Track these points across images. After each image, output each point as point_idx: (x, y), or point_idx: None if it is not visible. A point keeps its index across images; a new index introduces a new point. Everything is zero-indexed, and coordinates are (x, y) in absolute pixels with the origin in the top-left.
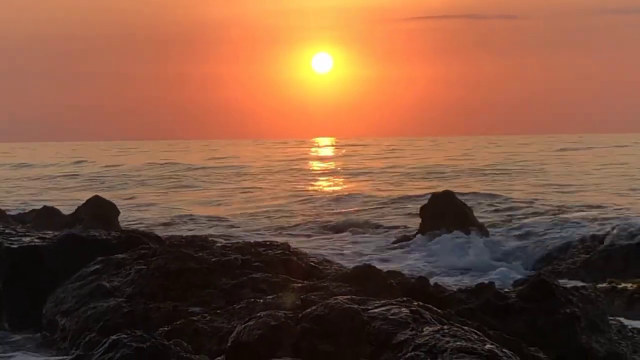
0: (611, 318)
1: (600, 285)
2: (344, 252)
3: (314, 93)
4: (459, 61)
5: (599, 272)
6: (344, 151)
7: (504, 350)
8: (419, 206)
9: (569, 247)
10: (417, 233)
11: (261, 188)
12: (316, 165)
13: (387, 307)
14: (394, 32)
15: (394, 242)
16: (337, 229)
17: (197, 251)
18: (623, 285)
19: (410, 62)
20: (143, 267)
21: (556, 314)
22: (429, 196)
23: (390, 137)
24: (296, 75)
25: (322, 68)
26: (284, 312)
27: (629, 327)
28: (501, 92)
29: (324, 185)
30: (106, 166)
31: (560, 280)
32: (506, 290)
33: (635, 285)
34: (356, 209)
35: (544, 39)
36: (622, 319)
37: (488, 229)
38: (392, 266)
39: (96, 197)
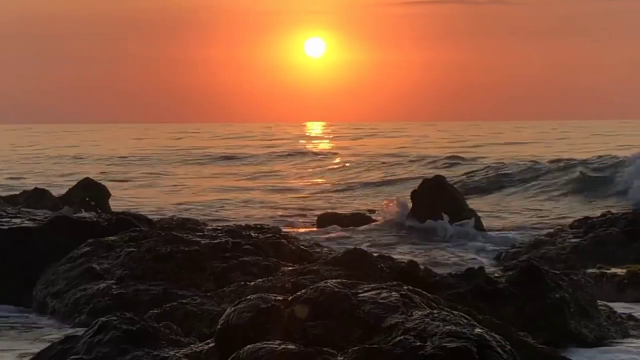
0: (600, 303)
1: (589, 270)
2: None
3: (307, 77)
4: (452, 46)
5: (588, 258)
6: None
7: (492, 334)
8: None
9: (558, 232)
10: (409, 218)
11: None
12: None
13: (377, 291)
14: (386, 16)
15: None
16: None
17: (188, 234)
18: (613, 270)
19: (402, 46)
20: (133, 249)
21: (545, 299)
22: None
23: (385, 122)
24: (289, 59)
25: (315, 52)
26: (274, 295)
27: (618, 312)
28: (492, 77)
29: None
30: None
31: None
32: (496, 275)
33: (624, 271)
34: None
35: (535, 24)
36: (611, 305)
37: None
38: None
39: (87, 179)
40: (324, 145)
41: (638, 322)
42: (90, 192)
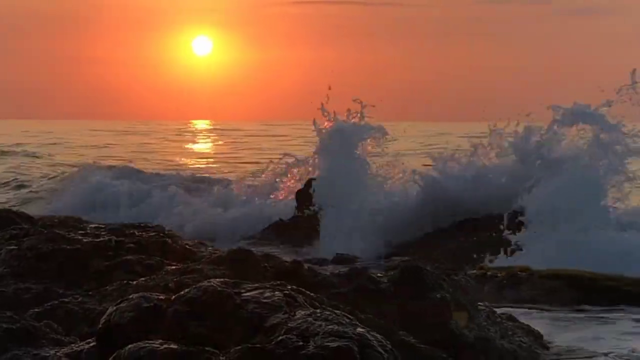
0: (481, 304)
1: (471, 271)
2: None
3: (194, 76)
4: (343, 46)
5: (470, 258)
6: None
7: (374, 334)
8: None
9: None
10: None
11: None
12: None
13: (261, 291)
14: (276, 15)
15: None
16: None
17: (70, 232)
18: (493, 271)
19: (292, 46)
20: (14, 247)
21: (426, 299)
22: None
23: (271, 121)
24: (176, 57)
25: (202, 51)
26: (156, 294)
27: (498, 313)
28: (382, 78)
29: None
30: None
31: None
32: (379, 274)
33: (504, 272)
34: None
35: (429, 26)
36: (491, 305)
37: None
38: None
39: None
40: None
41: (516, 322)
42: None
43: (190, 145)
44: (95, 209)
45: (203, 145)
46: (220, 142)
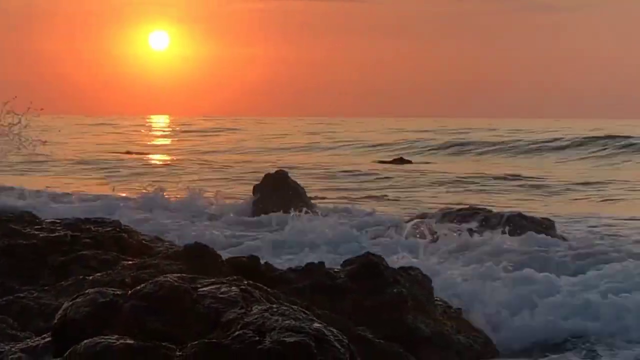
0: (437, 298)
1: None
2: None
3: (151, 70)
4: (302, 43)
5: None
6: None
7: (331, 329)
8: None
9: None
10: (252, 213)
11: None
12: None
13: (217, 286)
14: (235, 11)
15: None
16: None
17: (26, 227)
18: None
19: (250, 42)
20: None
21: (383, 294)
22: None
23: (226, 117)
24: (133, 52)
25: (159, 45)
26: (112, 289)
27: (454, 307)
28: (341, 75)
29: None
30: None
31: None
32: (336, 269)
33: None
34: None
35: (384, 23)
36: (447, 300)
37: None
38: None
39: None
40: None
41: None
42: None
43: None
44: None
45: None
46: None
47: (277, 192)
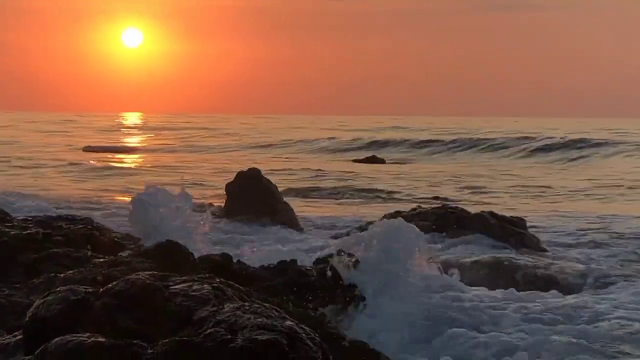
0: None
1: None
2: None
3: (124, 67)
4: (275, 40)
5: None
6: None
7: (303, 327)
8: None
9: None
10: (225, 212)
11: None
12: None
13: (189, 284)
14: (207, 8)
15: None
16: None
17: None
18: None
19: (223, 39)
20: None
21: (354, 292)
22: None
23: (203, 114)
24: (106, 48)
25: (132, 42)
26: (84, 287)
27: None
28: (311, 72)
29: None
30: None
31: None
32: (308, 268)
33: None
34: None
35: (356, 21)
36: None
37: None
38: None
39: None
40: None
41: None
42: None
43: None
44: None
45: None
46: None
47: (250, 190)
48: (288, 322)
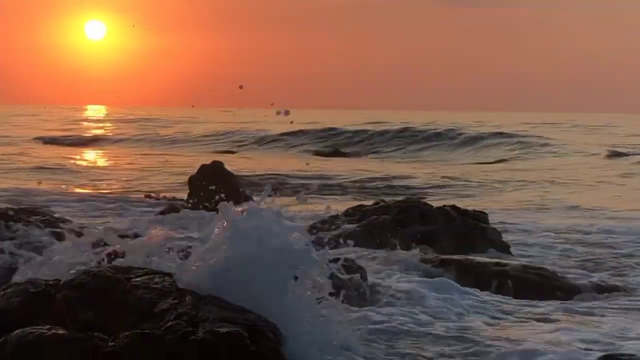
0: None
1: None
2: None
3: (87, 60)
4: (240, 34)
5: (362, 244)
6: None
7: (264, 319)
8: None
9: (332, 220)
10: (188, 205)
11: None
12: None
13: (151, 276)
14: (171, 1)
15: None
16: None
17: None
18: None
19: (187, 32)
20: None
21: None
22: None
23: (168, 107)
24: (68, 41)
25: (95, 35)
26: (45, 279)
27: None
28: (280, 68)
29: None
30: None
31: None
32: None
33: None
34: None
35: (326, 16)
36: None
37: None
38: None
39: None
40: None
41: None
42: None
43: None
44: None
45: None
46: None
47: (213, 184)
48: (249, 315)
